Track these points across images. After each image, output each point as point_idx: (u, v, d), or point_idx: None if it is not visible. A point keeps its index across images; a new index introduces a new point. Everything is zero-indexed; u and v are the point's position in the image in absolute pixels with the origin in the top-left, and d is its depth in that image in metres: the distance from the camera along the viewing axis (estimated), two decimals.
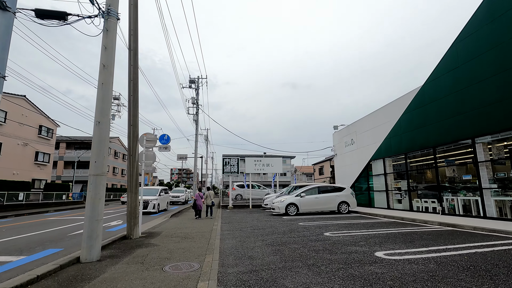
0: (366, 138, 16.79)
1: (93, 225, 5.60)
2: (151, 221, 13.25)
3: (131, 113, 8.10)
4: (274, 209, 14.28)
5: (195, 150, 26.03)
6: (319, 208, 14.07)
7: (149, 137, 9.40)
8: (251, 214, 15.14)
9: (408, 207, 13.14)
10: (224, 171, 21.03)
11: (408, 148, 13.03)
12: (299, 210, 13.85)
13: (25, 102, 25.64)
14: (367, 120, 16.86)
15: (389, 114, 14.63)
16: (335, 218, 12.05)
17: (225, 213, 16.26)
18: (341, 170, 20.37)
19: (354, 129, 18.21)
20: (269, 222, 11.18)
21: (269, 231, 8.73)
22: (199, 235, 8.42)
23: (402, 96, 13.71)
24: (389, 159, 14.86)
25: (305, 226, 9.81)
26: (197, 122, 26.29)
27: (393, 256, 5.09)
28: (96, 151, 5.84)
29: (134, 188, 8.09)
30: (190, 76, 27.50)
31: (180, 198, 27.33)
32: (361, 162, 17.28)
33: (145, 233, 8.96)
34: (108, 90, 6.13)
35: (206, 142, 49.31)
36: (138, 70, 8.32)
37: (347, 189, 14.60)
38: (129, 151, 8.13)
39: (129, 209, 8.06)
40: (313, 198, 14.08)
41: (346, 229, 8.75)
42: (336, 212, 14.35)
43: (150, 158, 9.32)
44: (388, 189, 14.68)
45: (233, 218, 13.17)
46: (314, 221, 11.30)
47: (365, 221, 10.79)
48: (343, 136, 19.91)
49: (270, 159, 21.73)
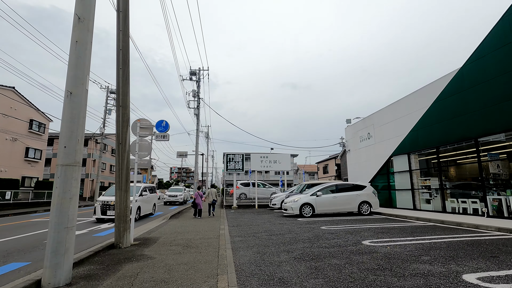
0: (386, 132, 15.19)
1: (60, 235, 3.99)
2: (148, 223, 11.65)
3: (120, 91, 6.48)
4: (286, 209, 12.68)
5: (196, 146, 24.41)
6: (337, 209, 12.48)
7: (144, 123, 7.78)
8: (259, 215, 13.54)
9: (440, 208, 11.55)
10: (228, 168, 19.42)
11: (441, 141, 11.43)
12: (314, 211, 12.25)
13: (14, 94, 23.97)
14: (387, 111, 15.25)
15: (415, 103, 13.03)
16: (360, 221, 10.45)
17: (230, 214, 14.66)
18: (355, 167, 18.78)
19: (371, 122, 16.60)
20: (284, 225, 9.58)
21: (290, 238, 7.12)
22: (205, 242, 6.81)
23: (432, 82, 12.10)
24: (415, 154, 13.26)
25: (330, 230, 8.20)
26: (198, 116, 24.65)
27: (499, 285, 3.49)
28: (67, 132, 4.22)
29: (124, 185, 6.47)
30: (190, 68, 25.86)
31: (178, 198, 25.07)
32: (380, 158, 15.68)
33: (139, 240, 7.35)
34: (84, 51, 4.50)
35: (207, 140, 47.71)
36: (129, 38, 6.70)
37: (368, 187, 13.00)
38: (117, 139, 6.51)
39: (117, 211, 6.45)
40: (331, 198, 12.48)
41: (386, 236, 7.14)
42: (356, 213, 12.75)
43: (144, 149, 7.70)
44: (413, 187, 13.09)
45: (241, 220, 11.57)
46: (337, 224, 9.69)
47: (399, 225, 9.19)
48: (357, 130, 18.30)
49: (278, 155, 20.12)
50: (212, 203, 13.99)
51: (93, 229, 9.91)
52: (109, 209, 11.86)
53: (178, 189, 27.15)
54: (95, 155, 36.24)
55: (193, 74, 25.99)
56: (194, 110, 25.14)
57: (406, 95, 13.83)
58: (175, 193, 25.64)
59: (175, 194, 25.39)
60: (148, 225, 11.33)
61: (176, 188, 27.92)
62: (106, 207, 11.89)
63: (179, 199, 25.08)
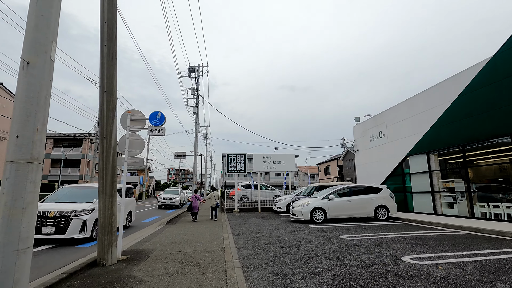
0: (401, 129, 14.07)
1: (6, 261, 2.80)
2: (142, 230, 10.44)
3: (105, 73, 5.29)
4: (295, 214, 11.51)
5: (195, 145, 23.21)
6: (351, 214, 11.32)
7: (135, 115, 6.60)
8: (265, 221, 12.36)
9: (467, 213, 10.43)
10: (229, 169, 18.22)
11: (468, 138, 10.31)
12: (326, 216, 11.09)
13: (3, 91, 22.68)
14: (403, 107, 14.14)
15: (436, 98, 11.92)
16: (381, 228, 9.30)
17: (232, 219, 13.47)
18: (364, 168, 17.65)
19: (384, 120, 15.49)
20: (297, 234, 8.41)
21: (310, 252, 5.95)
22: (207, 258, 5.63)
23: (457, 74, 11.00)
24: (436, 153, 12.14)
25: (353, 241, 7.04)
26: (197, 114, 23.46)
27: None
28: (21, 116, 3.04)
29: (109, 188, 5.28)
30: (189, 64, 24.67)
31: (174, 201, 22.58)
32: (394, 158, 14.57)
33: (128, 253, 6.15)
34: (49, 8, 3.33)
35: (206, 140, 46.54)
36: (116, 9, 5.53)
37: (385, 189, 11.86)
38: (101, 131, 5.32)
39: (101, 220, 5.25)
40: (344, 202, 11.33)
41: (425, 250, 5.98)
42: (371, 219, 11.60)
43: (136, 145, 6.52)
44: (434, 190, 11.96)
45: (246, 227, 10.39)
46: (357, 232, 8.52)
47: (430, 234, 8.04)
48: (367, 129, 17.19)
49: (282, 155, 18.95)
50: (215, 207, 13.52)
51: None
52: (45, 224, 7.17)
53: (174, 191, 24.40)
54: (89, 155, 34.95)
55: (192, 70, 24.83)
56: (193, 108, 23.96)
57: (425, 89, 12.73)
58: (170, 196, 23.20)
59: (170, 197, 23.00)
60: (142, 232, 10.12)
61: (172, 190, 24.89)
62: (42, 221, 7.16)
63: (175, 202, 22.74)
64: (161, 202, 22.89)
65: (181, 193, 24.77)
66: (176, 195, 23.30)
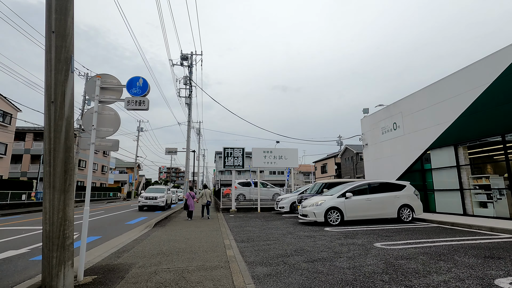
0: (420, 120, 12.57)
1: None
2: (122, 234, 8.62)
3: (53, 4, 3.48)
4: (306, 215, 9.84)
5: (188, 139, 21.33)
6: (372, 215, 9.72)
7: (108, 81, 4.80)
8: (269, 222, 10.66)
9: (509, 214, 8.95)
10: (226, 165, 16.45)
11: (510, 127, 8.82)
12: (343, 217, 9.47)
13: None
14: (422, 96, 12.63)
15: (465, 83, 10.43)
16: (415, 232, 7.71)
17: (231, 220, 11.73)
18: (374, 164, 16.13)
19: (399, 110, 13.97)
20: (316, 240, 6.73)
21: (351, 270, 4.27)
22: (208, 279, 3.90)
23: (492, 54, 9.51)
24: (465, 145, 10.65)
25: (397, 252, 5.40)
26: (190, 105, 21.58)
27: None
28: None
29: (59, 180, 3.48)
30: (181, 52, 22.74)
31: (158, 201, 18.30)
32: (411, 152, 13.06)
33: (96, 271, 4.36)
34: None
35: (199, 137, 44.56)
36: None
37: (409, 186, 10.32)
38: (46, 93, 3.51)
39: (46, 228, 3.45)
40: (363, 200, 9.72)
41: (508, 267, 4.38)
42: (395, 220, 10.03)
43: (108, 122, 4.73)
44: (463, 187, 10.47)
45: (249, 230, 8.67)
46: (390, 238, 6.90)
47: (487, 241, 6.48)
48: (379, 121, 15.67)
49: (284, 150, 17.29)
50: (206, 205, 13.10)
51: (29, 251, 6.74)
52: None
53: (159, 189, 20.19)
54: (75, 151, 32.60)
55: (185, 58, 22.92)
56: (185, 99, 22.07)
57: (453, 72, 11.22)
58: (154, 194, 18.73)
59: (154, 196, 18.57)
60: (123, 237, 8.30)
61: (156, 188, 20.60)
62: None
63: (159, 202, 18.34)
64: (143, 203, 18.41)
65: (168, 191, 20.62)
66: (161, 194, 19.01)
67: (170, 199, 21.65)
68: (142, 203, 18.44)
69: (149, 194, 18.75)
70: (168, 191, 20.35)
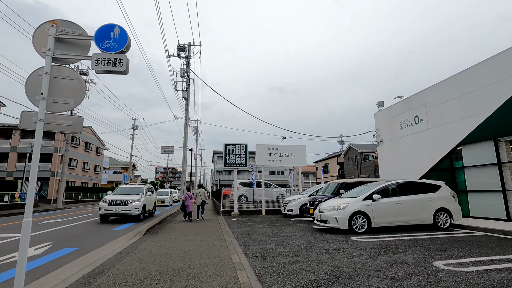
0: (449, 112, 11.11)
1: None
2: (104, 246, 7.01)
3: None
4: (326, 221, 8.29)
5: (185, 136, 19.71)
6: (404, 221, 8.21)
7: (67, 31, 3.23)
8: (280, 228, 9.12)
9: None
10: (227, 163, 14.88)
11: None
12: (370, 223, 7.95)
13: None
14: (451, 84, 11.18)
15: (508, 66, 8.98)
16: (468, 243, 6.21)
17: (234, 225, 10.17)
18: (391, 163, 14.66)
19: (422, 101, 12.50)
20: (354, 258, 5.18)
21: None
22: None
23: None
24: (508, 139, 9.19)
25: (480, 279, 3.88)
26: (188, 99, 19.99)
27: None
28: None
29: None
30: (178, 42, 21.14)
31: (130, 207, 11.87)
32: (437, 148, 11.60)
33: None
34: None
35: (196, 136, 42.90)
36: None
37: (444, 187, 8.84)
38: None
39: None
40: (394, 204, 8.21)
41: None
42: (430, 227, 8.52)
43: (66, 92, 3.17)
44: (506, 188, 9.01)
45: (260, 240, 7.10)
46: (447, 255, 5.37)
47: None
48: (396, 114, 14.19)
49: (291, 147, 15.77)
50: (201, 205, 12.73)
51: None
52: None
53: (134, 190, 13.64)
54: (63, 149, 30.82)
55: (182, 49, 21.34)
56: (182, 92, 20.48)
57: (486, 58, 9.77)
58: (127, 198, 12.17)
59: (124, 200, 11.97)
60: (104, 249, 6.70)
61: (130, 188, 13.92)
62: None
63: (131, 209, 11.85)
64: (105, 210, 11.80)
65: (148, 193, 13.71)
66: (136, 197, 12.46)
67: (153, 204, 14.82)
68: (104, 211, 11.79)
69: (116, 198, 12.05)
70: (148, 192, 13.75)
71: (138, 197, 12.61)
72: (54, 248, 6.83)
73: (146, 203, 13.22)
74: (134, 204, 12.01)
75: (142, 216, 12.53)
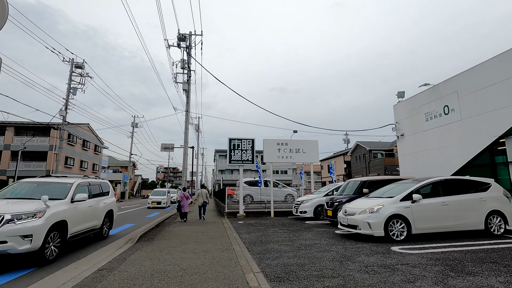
0: (489, 99, 9.66)
1: None
2: (86, 257, 5.60)
3: None
4: (357, 226, 6.86)
5: (185, 131, 18.31)
6: (449, 226, 6.78)
7: None
8: (298, 234, 7.71)
9: None
10: (232, 159, 13.51)
11: None
12: (410, 229, 6.52)
13: None
14: (489, 68, 9.73)
15: None
16: None
17: (242, 229, 8.77)
18: (414, 159, 13.21)
19: (453, 89, 11.05)
20: (417, 282, 3.76)
21: None
22: None
23: None
24: None
25: None
26: (189, 91, 18.61)
27: None
28: None
29: None
30: (178, 31, 19.73)
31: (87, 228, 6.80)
32: (473, 141, 10.16)
33: None
34: None
35: (197, 133, 41.55)
36: None
37: (495, 185, 7.43)
38: None
39: None
40: (438, 205, 6.78)
41: None
42: (482, 233, 7.08)
43: None
44: None
45: (277, 250, 5.69)
46: None
47: None
48: (421, 105, 12.73)
49: (302, 142, 14.39)
50: (202, 205, 12.41)
51: None
52: None
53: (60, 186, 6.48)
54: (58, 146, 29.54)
55: (182, 39, 19.92)
56: (183, 84, 19.08)
57: None
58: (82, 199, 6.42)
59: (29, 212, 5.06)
60: (82, 264, 5.31)
61: (22, 184, 6.67)
62: None
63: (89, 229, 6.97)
64: None
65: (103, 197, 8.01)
66: (31, 206, 5.22)
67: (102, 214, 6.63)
68: None
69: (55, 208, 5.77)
70: (104, 199, 7.95)
71: (85, 194, 6.54)
72: None
73: (101, 208, 7.61)
74: (32, 223, 4.98)
75: (99, 232, 7.52)
